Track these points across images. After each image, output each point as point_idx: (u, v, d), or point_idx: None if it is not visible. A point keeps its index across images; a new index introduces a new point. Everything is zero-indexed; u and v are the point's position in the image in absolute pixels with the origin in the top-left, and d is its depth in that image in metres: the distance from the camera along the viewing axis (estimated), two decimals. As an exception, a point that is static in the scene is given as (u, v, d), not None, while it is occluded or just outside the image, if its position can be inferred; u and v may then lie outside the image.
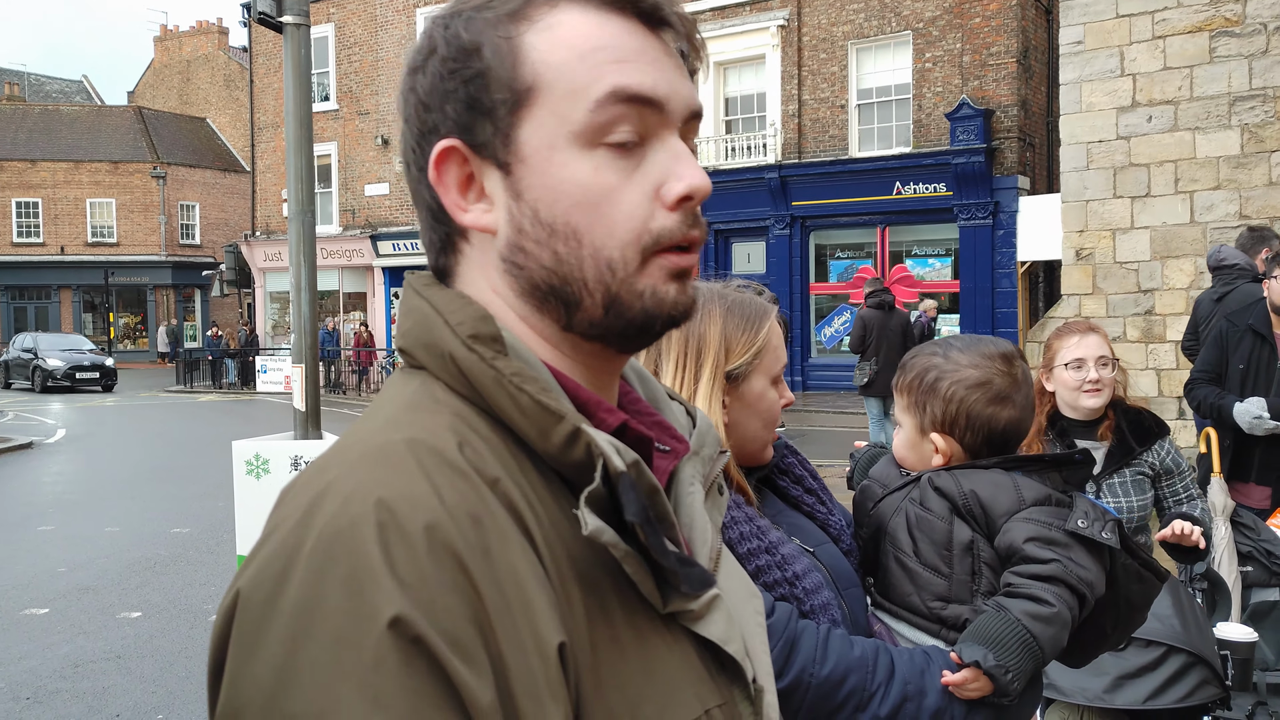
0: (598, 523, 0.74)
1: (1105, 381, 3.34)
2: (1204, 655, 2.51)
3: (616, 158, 0.82)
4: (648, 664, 0.79)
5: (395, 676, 0.65)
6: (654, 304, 0.84)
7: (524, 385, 0.79)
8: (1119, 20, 10.31)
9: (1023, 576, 1.63)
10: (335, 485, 0.73)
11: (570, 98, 0.82)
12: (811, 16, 22.69)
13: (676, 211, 0.83)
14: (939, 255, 22.19)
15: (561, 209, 0.82)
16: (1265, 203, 9.65)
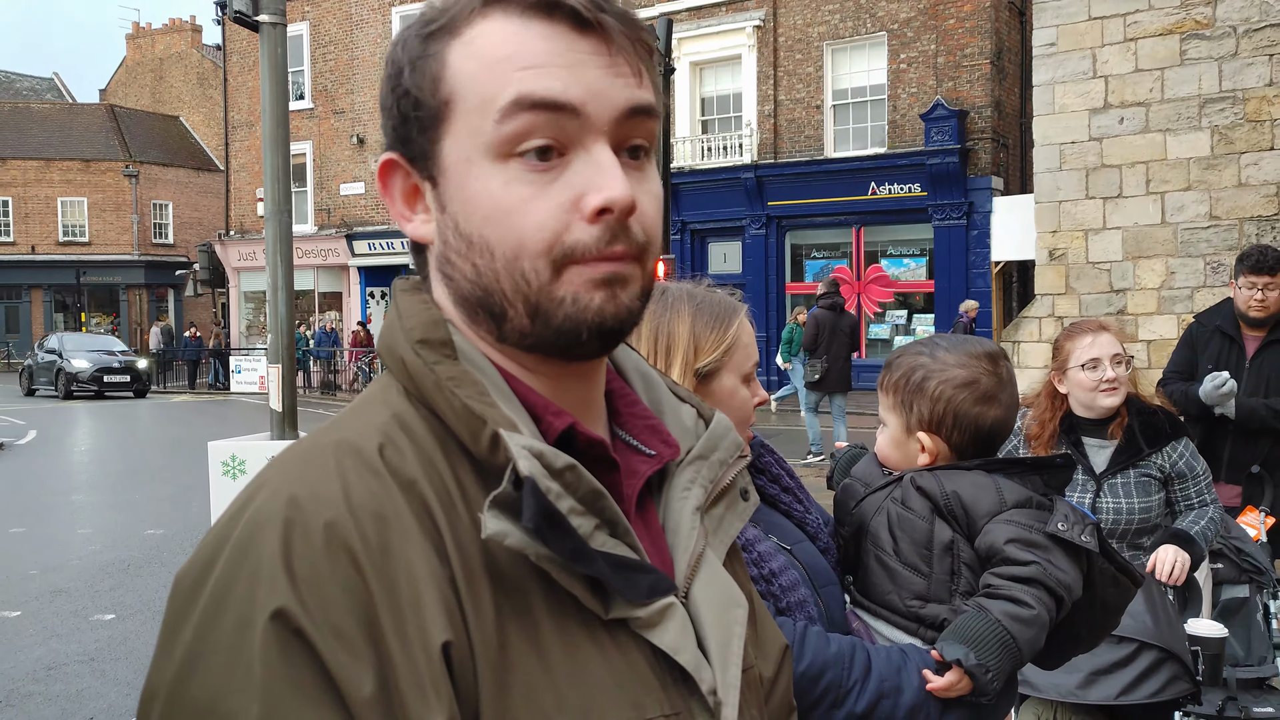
0: (499, 525, 0.75)
1: (1122, 379, 3.33)
2: (1175, 651, 2.54)
3: (530, 170, 0.81)
4: (573, 670, 0.78)
5: (275, 666, 0.69)
6: (576, 311, 0.82)
7: (456, 389, 0.81)
8: (1091, 22, 10.40)
9: (1003, 578, 1.65)
10: (268, 482, 0.78)
11: (480, 109, 0.82)
12: (787, 17, 22.75)
13: (596, 224, 0.81)
14: (914, 255, 22.31)
15: (476, 222, 0.83)
16: (1234, 204, 9.76)
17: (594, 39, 0.82)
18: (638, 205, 0.83)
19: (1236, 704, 3.93)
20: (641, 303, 0.86)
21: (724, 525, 0.97)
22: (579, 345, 0.84)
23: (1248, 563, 4.37)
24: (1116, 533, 3.27)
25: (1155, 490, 3.32)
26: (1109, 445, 3.37)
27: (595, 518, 0.81)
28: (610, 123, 0.83)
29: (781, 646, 1.12)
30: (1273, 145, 9.58)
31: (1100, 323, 3.46)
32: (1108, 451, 3.37)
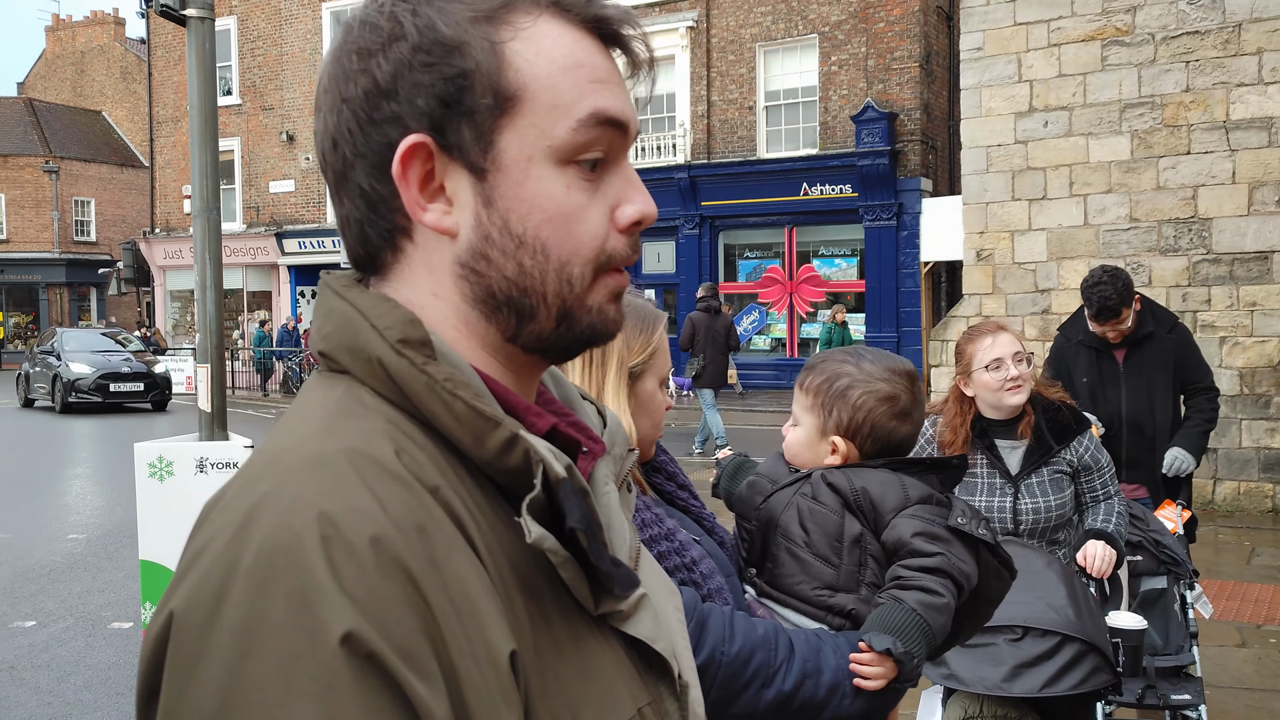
0: (541, 530, 0.75)
1: (1025, 377, 3.38)
2: (1097, 644, 2.61)
3: (584, 177, 0.83)
4: (585, 666, 0.79)
5: (350, 694, 0.63)
6: (599, 320, 0.86)
7: (458, 391, 0.77)
8: (1017, 28, 10.60)
9: (912, 569, 1.73)
10: (271, 498, 0.70)
11: (554, 113, 0.81)
12: (720, 18, 22.87)
13: (626, 234, 0.85)
14: (845, 255, 22.56)
15: (534, 222, 0.82)
16: (1153, 206, 10.02)
17: (610, 58, 0.86)
18: None
19: (1155, 692, 4.04)
20: None
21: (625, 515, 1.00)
22: (585, 349, 0.87)
23: (1166, 555, 4.49)
24: (1037, 531, 3.32)
25: (1067, 485, 3.39)
26: (1020, 446, 3.41)
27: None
28: (632, 141, 0.88)
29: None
30: (1189, 150, 9.86)
31: (998, 324, 3.53)
32: (1019, 452, 3.41)
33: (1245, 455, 9.65)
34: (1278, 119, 9.49)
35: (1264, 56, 9.54)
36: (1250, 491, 9.63)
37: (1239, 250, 9.68)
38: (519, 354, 0.87)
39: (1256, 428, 9.62)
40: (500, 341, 0.86)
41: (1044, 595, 2.70)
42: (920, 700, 3.11)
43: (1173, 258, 9.96)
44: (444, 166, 0.82)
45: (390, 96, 0.81)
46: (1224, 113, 9.71)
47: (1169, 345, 4.85)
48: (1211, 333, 9.78)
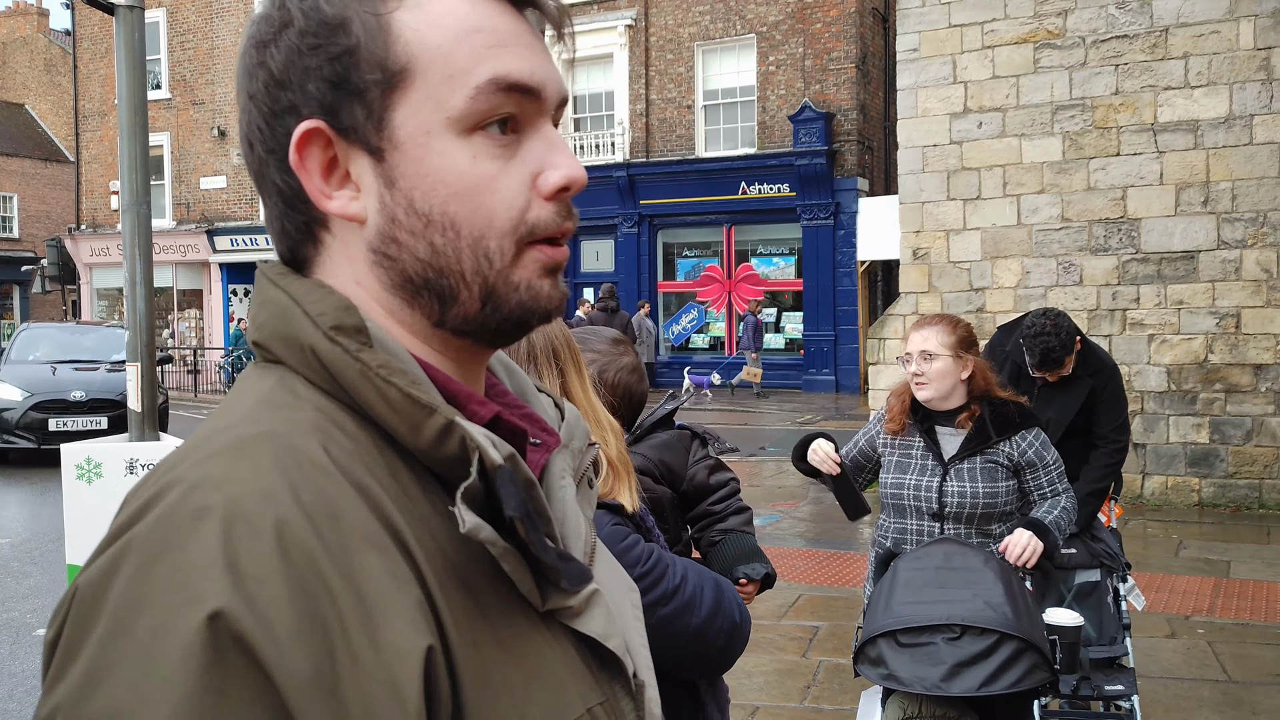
0: (475, 520, 0.71)
1: (929, 375, 3.42)
2: (1034, 641, 2.63)
3: (493, 145, 0.79)
4: (532, 664, 0.76)
5: (200, 675, 0.60)
6: (530, 298, 0.81)
7: (392, 378, 0.75)
8: (951, 30, 10.73)
9: (722, 500, 2.06)
10: (181, 479, 0.68)
11: (448, 82, 0.78)
12: (658, 17, 22.89)
13: (552, 202, 0.81)
14: (783, 254, 22.70)
15: (439, 198, 0.78)
16: (1084, 206, 10.20)
17: (523, 21, 0.82)
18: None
19: (1090, 683, 4.11)
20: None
21: (585, 511, 0.97)
22: (522, 330, 0.83)
23: (1099, 548, 4.57)
24: (963, 516, 3.37)
25: (1003, 478, 3.40)
26: (960, 433, 3.47)
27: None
28: (554, 106, 0.83)
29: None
30: (1118, 151, 10.05)
31: (936, 317, 3.57)
32: (958, 439, 3.48)
33: (1172, 450, 9.87)
34: (1203, 122, 9.72)
35: (1190, 61, 9.76)
36: (1177, 486, 9.85)
37: (1166, 250, 9.90)
38: (452, 339, 0.84)
39: (1183, 423, 9.84)
40: (429, 327, 0.83)
41: (981, 593, 2.72)
42: (860, 701, 3.11)
43: (1103, 257, 10.15)
44: (344, 151, 0.80)
45: (285, 86, 0.79)
46: (1152, 115, 9.92)
47: (1082, 388, 4.69)
48: (1140, 330, 9.98)
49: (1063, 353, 4.54)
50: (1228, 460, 9.68)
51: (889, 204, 15.90)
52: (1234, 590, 6.97)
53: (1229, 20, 9.60)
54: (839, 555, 8.13)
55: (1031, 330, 4.57)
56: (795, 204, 21.44)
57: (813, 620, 6.36)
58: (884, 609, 2.80)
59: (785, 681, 5.39)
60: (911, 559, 2.99)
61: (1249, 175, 9.56)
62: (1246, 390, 9.62)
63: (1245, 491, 9.62)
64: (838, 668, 5.47)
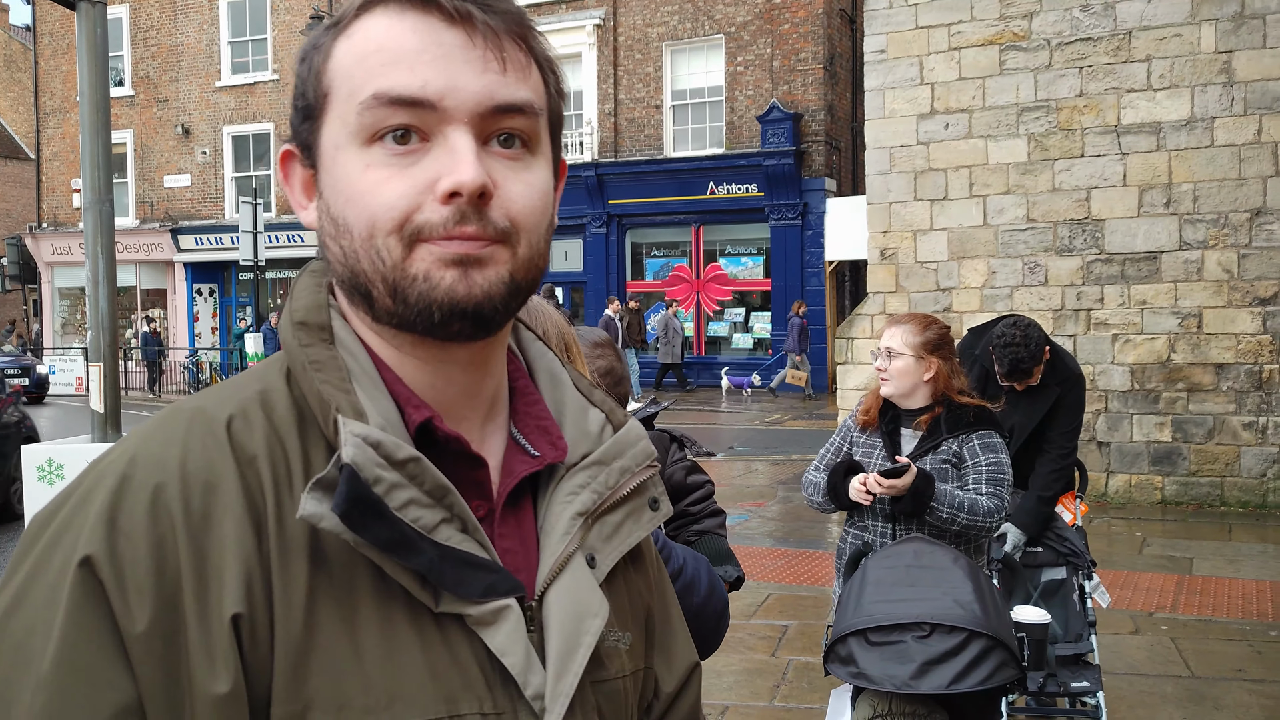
0: (315, 508, 0.77)
1: (890, 371, 3.46)
2: (1003, 639, 2.64)
3: (391, 154, 0.84)
4: (386, 656, 0.80)
5: (72, 611, 0.74)
6: (428, 289, 0.84)
7: (316, 373, 0.84)
8: (918, 31, 10.79)
9: (699, 502, 2.10)
10: (126, 440, 0.83)
11: (348, 101, 0.85)
12: (627, 17, 22.88)
13: (448, 206, 0.83)
14: (751, 254, 22.75)
15: (340, 204, 0.86)
16: (1049, 207, 10.29)
17: (460, 32, 0.85)
18: (498, 191, 0.85)
19: (1056, 680, 4.14)
20: (509, 289, 0.87)
21: (620, 533, 0.97)
22: (436, 325, 0.85)
23: (1065, 546, 4.60)
24: (898, 511, 3.39)
25: (954, 478, 3.40)
26: (919, 434, 3.49)
27: (444, 511, 0.83)
28: (470, 114, 0.85)
29: (689, 664, 1.11)
30: (1083, 153, 10.14)
31: (903, 317, 3.58)
32: (916, 440, 3.50)
33: (1136, 449, 9.97)
34: (1165, 124, 9.83)
35: (1153, 63, 9.87)
36: (1141, 484, 9.96)
37: (1130, 250, 10.00)
38: (403, 334, 0.88)
39: (1146, 422, 9.95)
40: (373, 323, 0.89)
41: (950, 591, 2.73)
42: (830, 699, 3.12)
43: (1068, 257, 10.24)
44: (308, 170, 0.91)
45: (290, 121, 0.93)
46: (1115, 117, 10.02)
47: (1049, 397, 4.71)
48: (1104, 330, 10.08)
49: (1031, 364, 4.55)
50: (1190, 458, 9.80)
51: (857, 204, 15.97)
52: (1196, 587, 7.06)
53: (1191, 24, 9.72)
54: (808, 554, 8.16)
55: (1002, 340, 4.57)
56: (763, 204, 21.50)
57: (782, 619, 6.38)
58: (854, 607, 2.80)
59: (755, 680, 5.39)
60: (882, 557, 3.00)
61: (1210, 177, 9.68)
62: (1208, 389, 9.74)
63: (1207, 489, 9.74)
64: (807, 666, 5.49)
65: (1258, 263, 9.56)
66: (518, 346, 1.03)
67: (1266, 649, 5.78)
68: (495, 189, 0.85)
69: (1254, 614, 6.43)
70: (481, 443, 0.92)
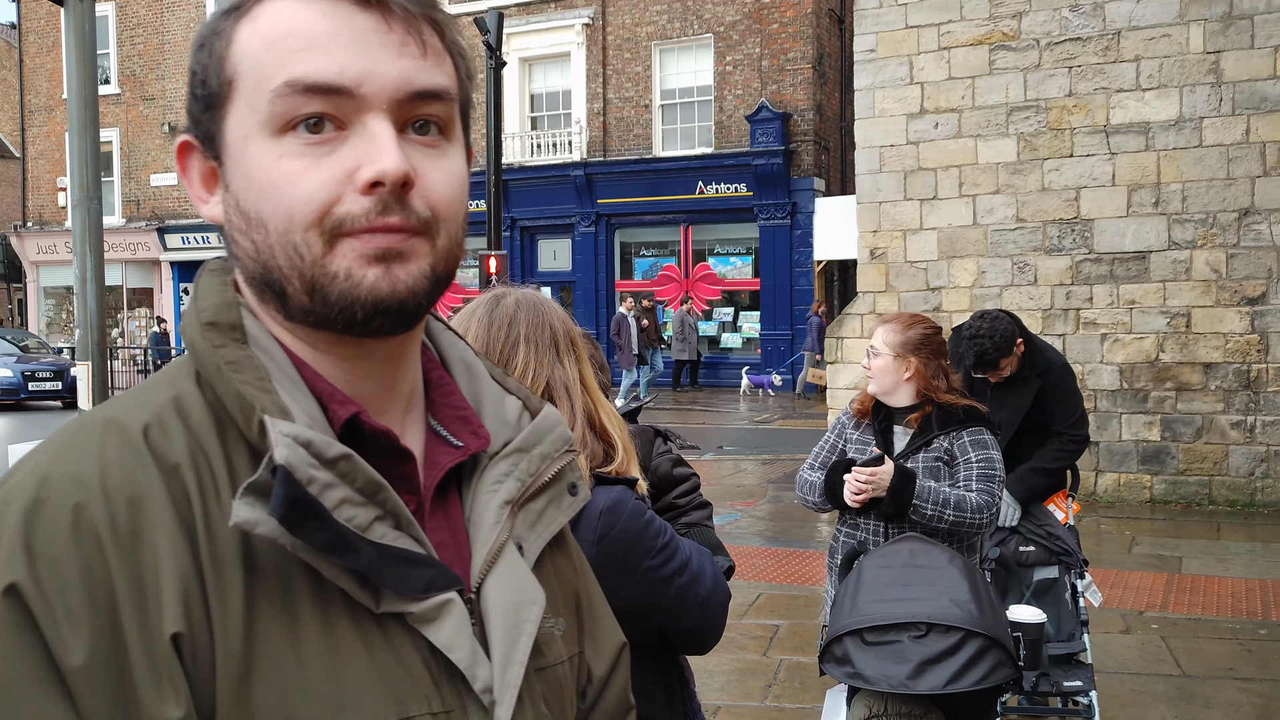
0: (250, 513, 0.73)
1: (875, 370, 3.48)
2: (999, 638, 2.63)
3: (306, 144, 0.81)
4: (330, 663, 0.77)
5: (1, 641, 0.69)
6: (350, 287, 0.81)
7: (234, 374, 0.80)
8: (908, 31, 10.80)
9: (685, 495, 2.13)
10: (31, 458, 0.78)
11: (257, 89, 0.81)
12: (616, 16, 22.85)
13: (369, 196, 0.80)
14: (740, 254, 22.76)
15: (252, 197, 0.82)
16: (1039, 207, 10.31)
17: (375, 15, 0.82)
18: (418, 180, 0.82)
19: (1049, 679, 4.14)
20: (430, 283, 0.85)
21: (544, 519, 0.97)
22: (358, 324, 0.83)
23: (1058, 545, 4.60)
24: (880, 516, 3.39)
25: (946, 475, 3.39)
26: (910, 432, 3.50)
27: (377, 509, 0.80)
28: (389, 100, 0.82)
29: (618, 645, 1.12)
30: (1072, 153, 10.16)
31: (889, 316, 3.60)
32: (907, 437, 3.50)
33: (1125, 448, 10.00)
34: (1154, 124, 9.85)
35: (1141, 64, 9.89)
36: (1130, 483, 9.98)
37: (1119, 250, 10.02)
38: (318, 333, 0.85)
39: (1135, 421, 9.97)
40: (285, 321, 0.86)
41: (947, 591, 2.72)
42: (825, 699, 3.11)
43: (1057, 257, 10.26)
44: (210, 161, 0.86)
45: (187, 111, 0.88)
46: (1104, 117, 10.04)
47: (1030, 389, 4.73)
48: (1093, 330, 10.11)
49: (996, 355, 4.56)
50: (1178, 457, 9.83)
51: (845, 204, 15.99)
52: (1186, 585, 7.07)
53: (1179, 24, 9.74)
54: (798, 554, 8.15)
55: (968, 332, 4.61)
56: (752, 204, 21.50)
57: (773, 619, 6.37)
58: (849, 607, 2.79)
59: (746, 681, 5.38)
60: (877, 557, 2.98)
61: (1199, 177, 9.71)
62: (1196, 388, 9.77)
63: (1196, 488, 9.77)
64: (799, 666, 5.48)
65: (1245, 262, 9.59)
66: (429, 337, 1.01)
67: (1256, 647, 5.79)
68: (416, 178, 0.82)
69: (1243, 612, 6.44)
70: (403, 436, 0.90)
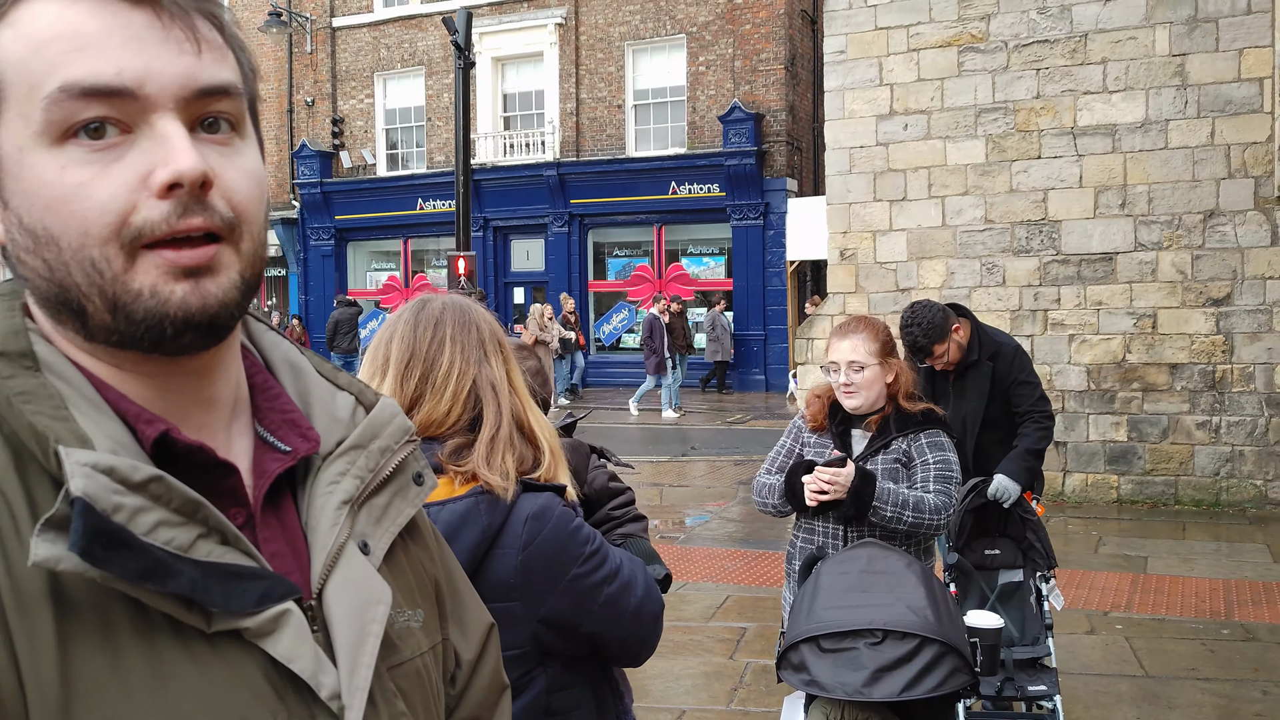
0: (50, 550, 0.69)
1: (857, 384, 3.44)
2: (955, 645, 2.62)
3: (90, 151, 0.76)
4: (161, 694, 0.74)
5: None
6: (157, 305, 0.77)
7: (25, 405, 0.75)
8: (878, 32, 10.82)
9: (622, 506, 2.14)
10: None
11: (28, 96, 0.76)
12: (589, 16, 22.82)
13: (167, 200, 0.76)
14: (713, 254, 22.77)
15: (37, 213, 0.77)
16: (1007, 208, 10.36)
17: (147, 11, 0.77)
18: (217, 180, 0.79)
19: (1013, 684, 4.14)
20: (241, 291, 0.81)
21: (389, 513, 0.95)
22: (167, 341, 0.79)
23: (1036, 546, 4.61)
24: (840, 517, 3.38)
25: (904, 476, 3.41)
26: (869, 434, 3.50)
27: (199, 527, 0.77)
28: (175, 99, 0.78)
29: (486, 626, 1.12)
30: (1040, 154, 10.21)
31: (858, 324, 3.53)
32: (865, 440, 3.51)
33: (1092, 448, 10.06)
34: (1121, 126, 9.91)
35: (1108, 66, 9.95)
36: (1097, 483, 10.04)
37: (1086, 251, 10.08)
38: (123, 352, 0.81)
39: (1102, 422, 10.03)
40: (85, 342, 0.81)
41: (903, 597, 2.71)
42: (783, 706, 3.09)
43: (1025, 258, 10.31)
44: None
45: None
46: (1071, 119, 10.09)
47: (985, 373, 4.85)
48: (1061, 330, 10.16)
49: (927, 341, 4.68)
50: (1145, 458, 9.90)
51: (817, 205, 16.02)
52: (1151, 585, 7.11)
53: (1145, 27, 9.81)
54: (768, 555, 8.15)
55: (903, 320, 4.74)
56: (725, 204, 21.51)
57: (740, 621, 6.36)
58: (806, 614, 2.77)
59: (712, 684, 5.36)
60: (835, 563, 2.97)
61: (1164, 179, 9.78)
62: (1163, 389, 9.84)
63: (1162, 488, 9.84)
64: (765, 669, 5.47)
65: (1211, 264, 9.66)
66: (251, 340, 0.98)
67: (1219, 647, 5.83)
68: (215, 177, 0.78)
69: (1207, 612, 6.48)
70: (229, 447, 0.87)
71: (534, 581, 1.72)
